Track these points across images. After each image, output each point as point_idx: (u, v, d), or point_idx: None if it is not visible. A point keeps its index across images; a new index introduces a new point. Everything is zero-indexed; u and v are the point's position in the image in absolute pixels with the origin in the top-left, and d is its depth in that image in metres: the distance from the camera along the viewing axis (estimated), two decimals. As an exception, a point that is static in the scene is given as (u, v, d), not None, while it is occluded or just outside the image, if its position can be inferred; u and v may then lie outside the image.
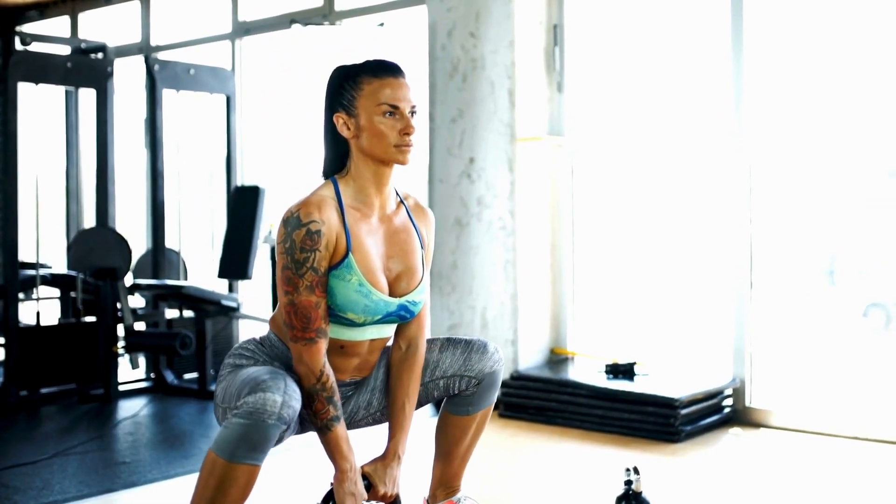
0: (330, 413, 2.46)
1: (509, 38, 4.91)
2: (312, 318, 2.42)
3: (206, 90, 5.94)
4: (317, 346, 2.44)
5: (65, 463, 4.03)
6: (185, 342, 5.18)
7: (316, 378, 2.44)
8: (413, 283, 2.59)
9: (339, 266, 2.45)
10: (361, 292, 2.46)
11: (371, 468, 2.61)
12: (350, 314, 2.48)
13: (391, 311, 2.54)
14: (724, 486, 3.65)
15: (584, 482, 3.71)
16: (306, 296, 2.42)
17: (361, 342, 2.57)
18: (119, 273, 5.36)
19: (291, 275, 2.42)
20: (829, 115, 4.62)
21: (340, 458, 2.49)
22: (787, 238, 4.71)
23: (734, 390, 4.59)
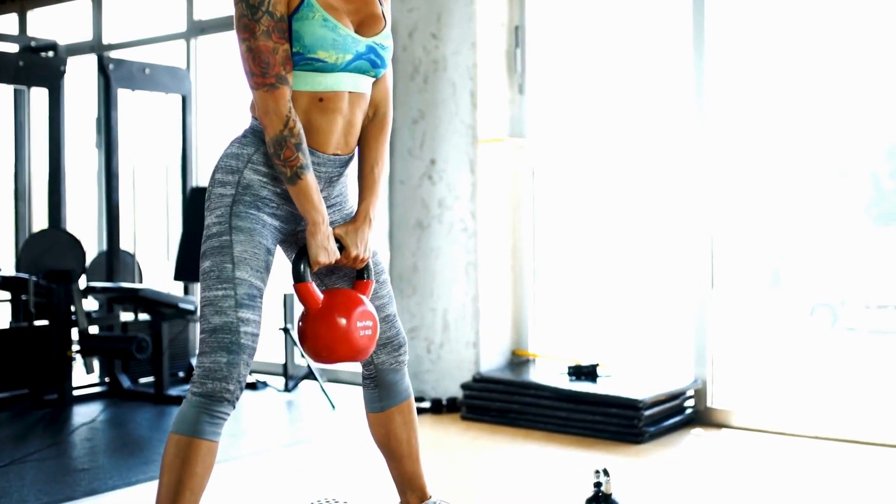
0: (300, 160, 2.41)
1: (471, 40, 4.90)
2: (271, 62, 2.37)
3: (161, 90, 5.86)
4: (279, 90, 2.38)
5: (22, 470, 3.94)
6: (141, 346, 5.10)
7: (283, 124, 2.39)
8: (377, 27, 2.54)
9: (301, 7, 2.40)
10: (327, 26, 2.41)
11: (342, 230, 2.57)
12: (320, 52, 2.41)
13: (361, 52, 2.48)
14: (689, 486, 3.67)
15: (550, 484, 3.70)
16: (263, 41, 2.36)
17: (340, 93, 2.49)
18: (73, 276, 5.26)
19: (248, 21, 2.36)
20: (786, 117, 4.67)
21: (312, 209, 2.46)
22: (745, 239, 4.75)
23: (696, 391, 4.62)
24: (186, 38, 6.48)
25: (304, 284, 2.52)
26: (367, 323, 2.53)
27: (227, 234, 2.43)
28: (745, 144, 4.72)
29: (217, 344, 2.38)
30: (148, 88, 5.79)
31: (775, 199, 4.89)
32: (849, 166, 4.76)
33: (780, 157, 4.80)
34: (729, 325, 4.76)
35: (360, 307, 2.53)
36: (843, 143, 4.71)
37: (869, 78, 4.50)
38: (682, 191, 4.73)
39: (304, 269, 2.51)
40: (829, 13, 4.56)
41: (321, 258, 2.48)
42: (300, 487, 3.69)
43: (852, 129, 4.63)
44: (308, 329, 2.53)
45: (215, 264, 2.42)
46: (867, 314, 5.31)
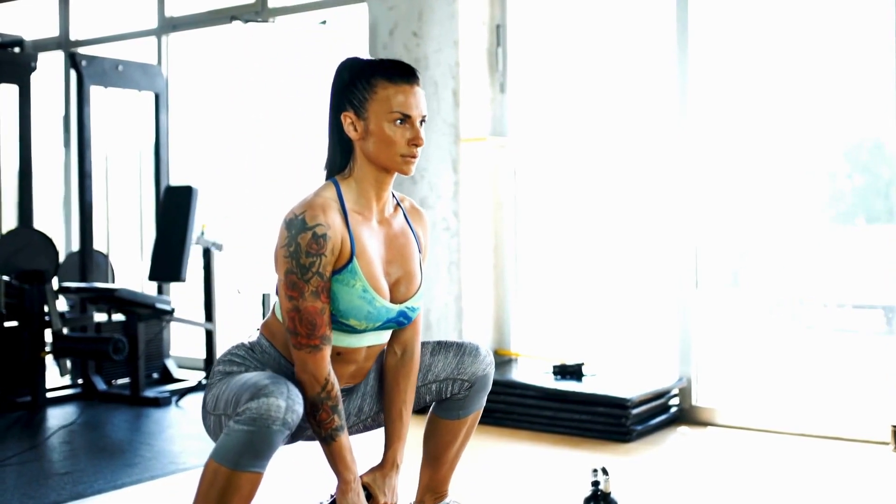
0: (335, 423, 2.39)
1: (453, 38, 4.88)
2: (318, 324, 2.34)
3: (134, 87, 5.77)
4: (322, 353, 2.36)
5: (2, 475, 3.86)
6: (118, 347, 5.01)
7: (321, 386, 2.36)
8: (412, 288, 2.53)
9: (343, 271, 2.38)
10: (365, 298, 2.39)
11: (370, 478, 2.55)
12: (352, 321, 2.40)
13: (391, 318, 2.48)
14: (679, 484, 3.68)
15: (544, 484, 3.69)
16: (311, 302, 2.33)
17: (359, 349, 2.50)
18: (46, 276, 5.16)
19: (296, 280, 2.32)
20: (769, 113, 4.70)
21: (344, 469, 2.42)
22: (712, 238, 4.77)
23: (680, 390, 4.63)
24: (157, 34, 6.38)
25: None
26: None
27: None
28: (723, 144, 4.74)
29: (255, 382, 2.27)
30: (121, 86, 5.70)
31: (739, 198, 4.91)
32: (807, 166, 4.81)
33: (747, 157, 4.83)
34: (711, 323, 4.77)
35: None
36: (802, 143, 4.77)
37: (827, 78, 4.56)
38: (665, 190, 4.75)
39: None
40: (788, 16, 4.61)
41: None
42: (305, 489, 3.64)
43: (810, 129, 4.70)
44: None
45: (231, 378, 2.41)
46: (825, 312, 5.36)
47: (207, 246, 5.63)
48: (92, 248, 5.65)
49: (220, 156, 6.62)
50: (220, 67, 6.34)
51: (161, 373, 5.79)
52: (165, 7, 6.34)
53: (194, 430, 4.75)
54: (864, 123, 4.64)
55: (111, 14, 6.84)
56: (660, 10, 4.74)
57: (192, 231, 5.42)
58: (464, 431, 2.73)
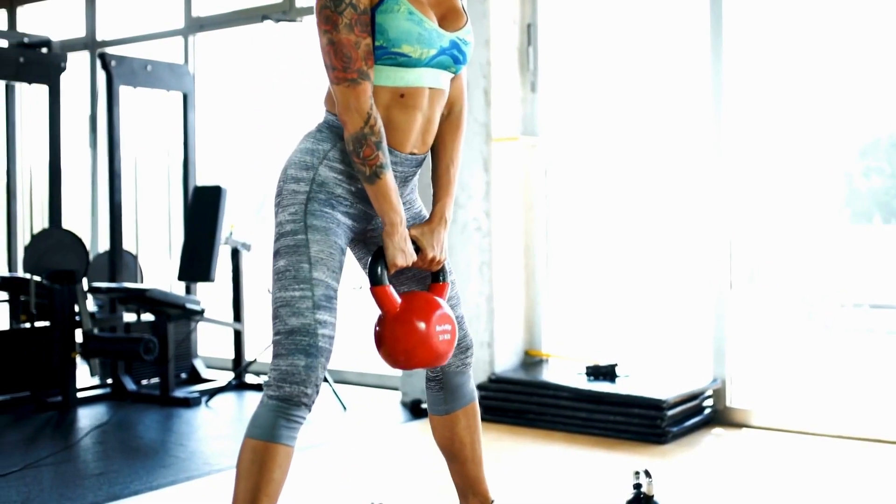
0: (379, 159, 2.35)
1: (485, 37, 4.85)
2: (353, 57, 2.30)
3: (163, 87, 5.77)
4: (361, 86, 2.32)
5: (38, 475, 3.85)
6: (149, 347, 5.01)
7: (363, 121, 2.32)
8: (459, 22, 2.49)
9: (384, 1, 2.34)
10: (413, 20, 2.35)
11: (418, 231, 2.52)
12: (405, 47, 2.35)
13: (444, 48, 2.42)
14: (718, 487, 3.65)
15: (580, 486, 3.66)
16: (346, 34, 2.28)
17: (421, 89, 2.43)
18: (77, 276, 5.16)
19: (330, 13, 2.28)
20: (786, 112, 4.68)
21: (390, 209, 2.39)
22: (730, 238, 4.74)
23: (714, 391, 4.60)
24: (184, 34, 6.38)
25: (381, 288, 2.45)
26: (445, 327, 2.46)
27: (303, 233, 2.36)
28: (749, 143, 4.71)
29: (294, 346, 2.30)
30: (149, 86, 5.70)
31: (758, 197, 4.88)
32: (824, 166, 4.79)
33: (765, 157, 4.80)
34: (746, 323, 4.74)
35: (438, 310, 2.46)
36: (818, 143, 4.74)
37: (843, 78, 4.54)
38: (699, 189, 4.72)
39: (382, 272, 2.44)
40: (810, 16, 4.59)
41: (398, 260, 2.43)
42: (319, 494, 3.63)
43: (826, 128, 4.67)
44: (386, 334, 2.45)
45: (291, 264, 2.35)
46: (842, 312, 5.34)
47: (236, 246, 5.63)
48: (121, 248, 5.65)
49: (246, 155, 6.62)
50: (247, 67, 6.34)
51: (189, 373, 5.78)
52: (192, 7, 6.33)
53: (226, 431, 4.75)
54: (880, 122, 4.61)
55: (137, 14, 6.84)
56: (693, 9, 4.70)
57: (220, 231, 5.41)
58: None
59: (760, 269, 5.19)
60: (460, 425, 2.73)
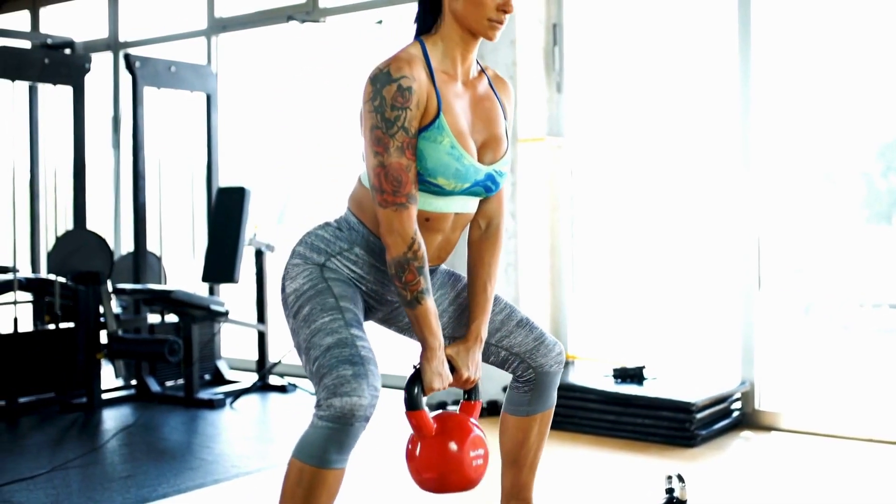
0: (421, 285, 2.32)
1: (510, 37, 4.83)
2: (403, 181, 2.28)
3: (186, 88, 5.77)
4: (408, 211, 2.29)
5: (66, 477, 3.85)
6: (173, 349, 5.00)
7: (407, 246, 2.30)
8: (499, 152, 2.45)
9: (430, 127, 2.31)
10: (453, 155, 2.32)
11: (453, 351, 2.47)
12: (440, 179, 2.33)
13: (479, 181, 2.40)
14: (748, 491, 3.61)
15: (611, 489, 3.64)
16: (397, 157, 2.27)
17: (447, 215, 2.42)
18: (101, 277, 5.16)
19: (381, 135, 2.26)
20: (804, 113, 4.65)
21: (430, 335, 2.36)
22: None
23: (743, 393, 4.56)
24: (207, 35, 6.38)
25: (419, 413, 2.39)
26: (479, 452, 2.42)
27: (323, 283, 2.36)
28: (776, 143, 4.67)
29: (336, 359, 2.22)
30: (173, 86, 5.70)
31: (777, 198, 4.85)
32: (842, 166, 4.76)
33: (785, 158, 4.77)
34: (774, 325, 4.70)
35: (472, 435, 2.42)
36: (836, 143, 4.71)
37: (862, 78, 4.50)
38: (725, 188, 4.68)
39: (418, 396, 2.38)
40: (825, 16, 4.56)
41: (435, 384, 2.38)
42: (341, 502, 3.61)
43: (843, 128, 4.64)
44: (419, 456, 2.41)
45: (315, 303, 2.32)
46: (861, 313, 5.30)
47: (260, 247, 5.62)
48: (146, 249, 5.65)
49: (269, 157, 6.61)
50: (270, 67, 6.33)
51: (213, 374, 5.78)
52: (215, 8, 6.33)
53: (252, 433, 4.74)
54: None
55: (160, 15, 6.84)
56: (719, 9, 4.67)
57: (244, 232, 5.40)
58: (535, 430, 2.69)
59: (778, 270, 5.14)
60: (534, 430, 2.68)
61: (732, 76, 4.56)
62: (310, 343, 2.28)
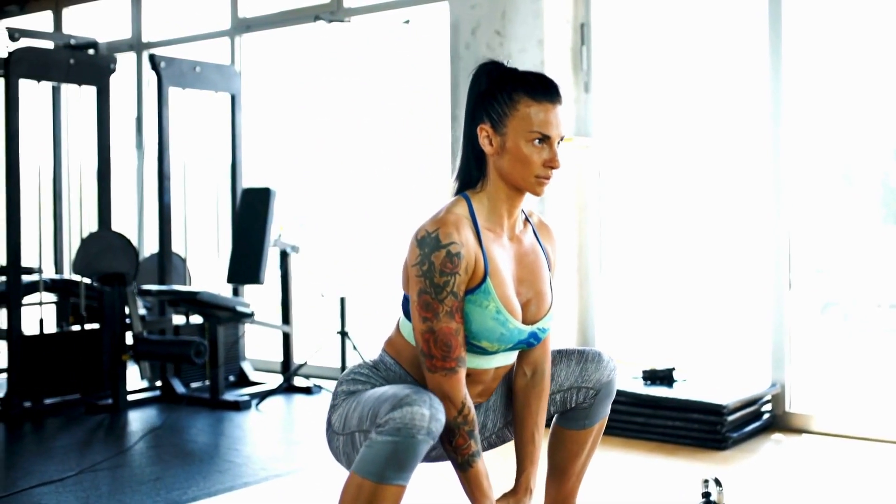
0: (471, 448, 2.31)
1: (538, 37, 4.80)
2: (453, 345, 2.26)
3: (211, 88, 5.76)
4: (457, 375, 2.28)
5: (95, 480, 3.84)
6: (199, 350, 4.98)
7: (457, 411, 2.29)
8: (543, 309, 2.44)
9: (476, 291, 2.29)
10: (498, 320, 2.31)
11: None
12: (484, 343, 2.32)
13: (522, 339, 2.39)
14: (783, 495, 3.57)
15: (643, 493, 3.60)
16: (446, 322, 2.25)
17: (487, 370, 2.43)
18: (127, 278, 5.15)
19: (430, 300, 2.24)
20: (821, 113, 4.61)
21: (482, 497, 2.35)
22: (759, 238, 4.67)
23: (773, 395, 4.52)
24: (231, 35, 6.36)
25: None
26: None
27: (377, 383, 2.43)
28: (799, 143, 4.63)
29: (393, 391, 2.22)
30: (198, 87, 5.69)
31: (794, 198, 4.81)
32: (859, 165, 4.71)
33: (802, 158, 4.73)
34: (803, 326, 4.66)
35: None
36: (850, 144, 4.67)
37: (880, 78, 4.46)
38: (755, 189, 4.64)
39: None
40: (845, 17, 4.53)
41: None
42: None
43: (860, 128, 4.60)
44: None
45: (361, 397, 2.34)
46: (878, 313, 5.25)
47: (285, 248, 5.60)
48: (170, 250, 5.64)
49: (293, 157, 6.59)
50: (294, 68, 6.31)
51: (237, 376, 5.76)
52: (239, 8, 6.31)
53: (279, 435, 4.73)
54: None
55: (183, 16, 6.84)
56: (748, 8, 4.62)
57: (269, 233, 5.38)
58: (590, 441, 2.64)
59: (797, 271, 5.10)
60: (590, 441, 2.64)
61: (760, 75, 4.52)
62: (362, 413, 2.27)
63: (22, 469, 4.04)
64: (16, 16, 7.48)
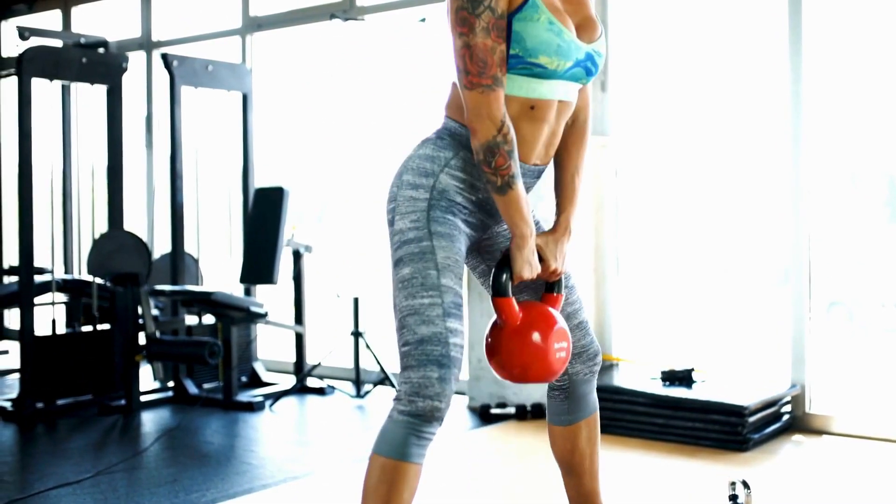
0: (511, 169, 2.24)
1: (555, 35, 4.75)
2: (489, 62, 2.19)
3: (223, 87, 5.72)
4: (495, 93, 2.21)
5: (112, 482, 3.80)
6: (213, 351, 4.94)
7: (496, 129, 2.22)
8: (595, 32, 2.37)
9: (524, 7, 2.22)
10: (553, 31, 2.23)
11: (542, 241, 2.39)
12: (543, 58, 2.24)
13: (580, 60, 2.31)
14: (806, 497, 3.54)
15: (665, 495, 3.57)
16: (482, 38, 2.19)
17: (551, 102, 2.32)
18: (140, 278, 5.12)
19: (467, 15, 2.18)
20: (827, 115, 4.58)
21: (521, 221, 2.28)
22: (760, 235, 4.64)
23: (793, 396, 4.48)
24: (242, 34, 6.33)
25: (507, 300, 2.34)
26: (562, 344, 2.36)
27: (428, 240, 2.27)
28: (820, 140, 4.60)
29: (426, 357, 2.20)
30: (210, 86, 5.65)
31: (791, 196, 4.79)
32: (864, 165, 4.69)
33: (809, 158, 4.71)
34: (822, 326, 4.63)
35: (556, 326, 2.37)
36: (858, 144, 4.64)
37: (883, 79, 4.44)
38: (776, 189, 4.61)
39: (507, 283, 2.34)
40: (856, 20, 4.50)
41: (525, 273, 2.32)
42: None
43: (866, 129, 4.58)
44: (502, 346, 2.36)
45: (418, 271, 2.25)
46: (882, 312, 5.24)
47: (298, 248, 5.57)
48: (183, 250, 5.61)
49: (305, 157, 6.56)
50: (307, 66, 6.28)
51: (249, 376, 5.73)
52: (250, 7, 6.28)
53: (295, 436, 4.69)
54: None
55: (193, 14, 6.80)
56: (765, 7, 4.59)
57: (283, 233, 5.34)
58: (582, 437, 2.63)
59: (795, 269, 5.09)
60: (582, 437, 2.63)
61: (778, 75, 4.48)
62: (404, 321, 2.25)
63: (37, 471, 4.01)
64: (24, 14, 7.44)
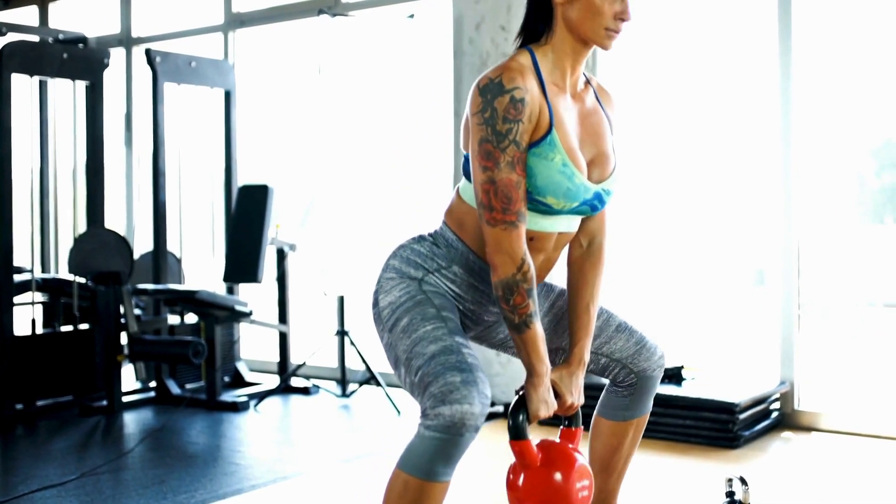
0: (529, 308, 2.18)
1: (543, 33, 4.73)
2: (514, 198, 2.15)
3: (206, 84, 5.66)
4: (517, 230, 2.16)
5: (97, 483, 3.74)
6: (197, 350, 4.89)
7: (517, 267, 2.16)
8: (607, 170, 2.33)
9: (541, 143, 2.18)
10: (565, 174, 2.20)
11: (556, 376, 2.34)
12: (550, 198, 2.21)
13: (587, 200, 2.28)
14: (797, 493, 3.53)
15: (657, 492, 3.55)
16: (507, 173, 2.14)
17: (551, 234, 2.30)
18: (122, 277, 5.05)
19: (492, 148, 2.13)
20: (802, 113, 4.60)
21: (538, 361, 2.23)
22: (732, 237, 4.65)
23: (782, 394, 4.48)
24: (224, 30, 6.27)
25: (525, 442, 2.26)
26: (584, 483, 2.30)
27: (422, 294, 2.26)
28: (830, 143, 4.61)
29: (442, 366, 2.10)
30: (193, 82, 5.59)
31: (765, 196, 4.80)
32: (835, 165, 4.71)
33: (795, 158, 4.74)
34: (811, 325, 4.63)
35: (577, 464, 2.30)
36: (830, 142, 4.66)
37: (854, 77, 4.45)
38: (766, 188, 4.61)
39: (524, 425, 2.26)
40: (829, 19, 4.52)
41: (542, 413, 2.25)
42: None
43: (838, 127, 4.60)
44: (524, 487, 2.29)
45: (415, 314, 2.21)
46: (856, 312, 5.27)
47: (282, 247, 5.52)
48: (165, 248, 5.54)
49: (289, 155, 6.50)
50: (292, 62, 6.22)
51: (232, 376, 5.67)
52: (232, 3, 6.22)
53: (281, 436, 4.65)
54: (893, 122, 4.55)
55: (173, 11, 6.73)
56: (757, 11, 4.59)
57: (267, 231, 5.28)
58: (630, 435, 2.58)
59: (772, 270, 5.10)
60: (630, 435, 2.57)
61: (769, 77, 4.48)
62: (411, 353, 2.17)
63: (20, 473, 3.94)
64: (0, 10, 7.34)
